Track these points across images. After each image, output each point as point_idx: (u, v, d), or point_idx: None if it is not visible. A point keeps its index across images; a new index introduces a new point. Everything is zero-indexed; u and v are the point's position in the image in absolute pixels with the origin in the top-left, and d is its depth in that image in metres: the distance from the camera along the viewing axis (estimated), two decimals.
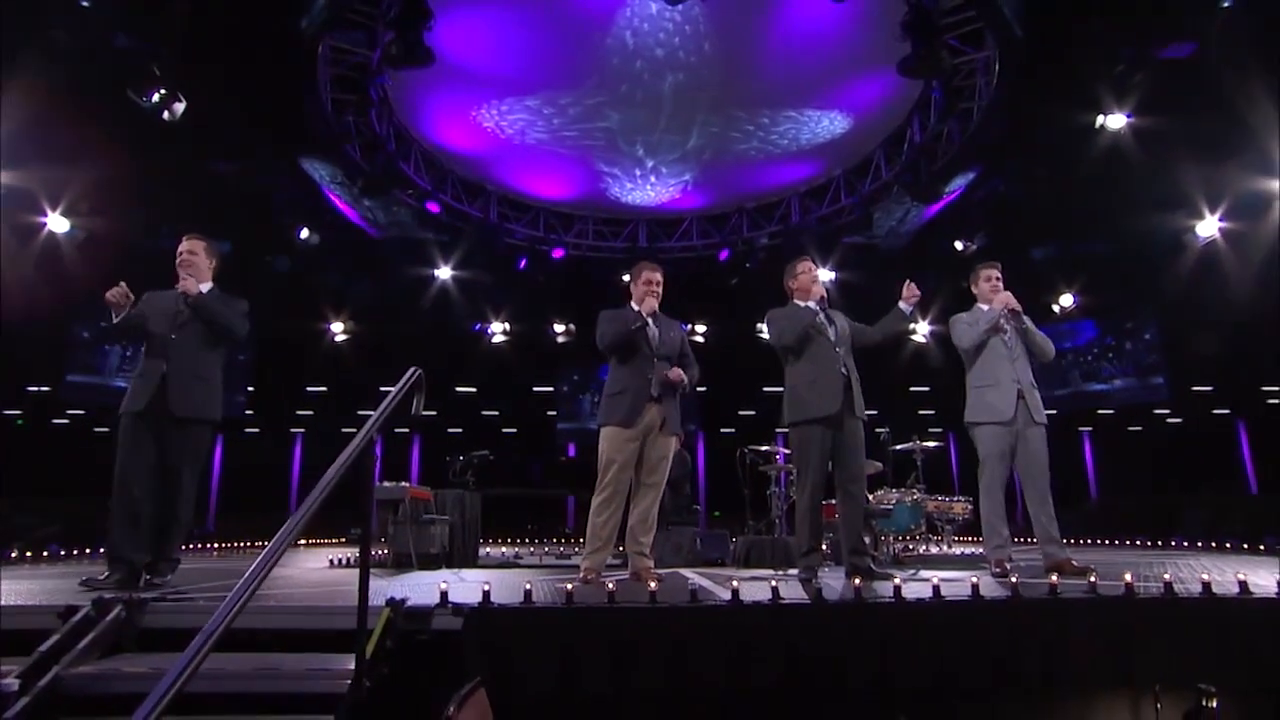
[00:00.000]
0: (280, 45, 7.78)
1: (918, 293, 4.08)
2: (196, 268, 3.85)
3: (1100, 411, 13.60)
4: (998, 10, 6.83)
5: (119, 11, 6.94)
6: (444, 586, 2.73)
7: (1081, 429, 14.65)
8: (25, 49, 6.58)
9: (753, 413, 14.33)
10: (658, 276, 4.10)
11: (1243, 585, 2.92)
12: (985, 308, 4.38)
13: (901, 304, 4.09)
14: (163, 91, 7.24)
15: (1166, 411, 13.33)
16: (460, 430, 14.98)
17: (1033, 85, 7.98)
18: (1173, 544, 7.95)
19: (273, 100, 8.54)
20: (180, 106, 7.39)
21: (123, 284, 3.62)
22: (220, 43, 7.37)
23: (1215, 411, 13.46)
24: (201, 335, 3.77)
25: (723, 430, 14.58)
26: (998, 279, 4.42)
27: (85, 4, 6.86)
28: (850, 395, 3.93)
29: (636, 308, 4.03)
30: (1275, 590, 2.87)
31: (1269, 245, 8.47)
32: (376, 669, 2.30)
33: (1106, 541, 8.59)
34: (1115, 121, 7.84)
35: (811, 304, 4.07)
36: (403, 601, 2.61)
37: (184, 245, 3.88)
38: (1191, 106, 7.50)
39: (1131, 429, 14.07)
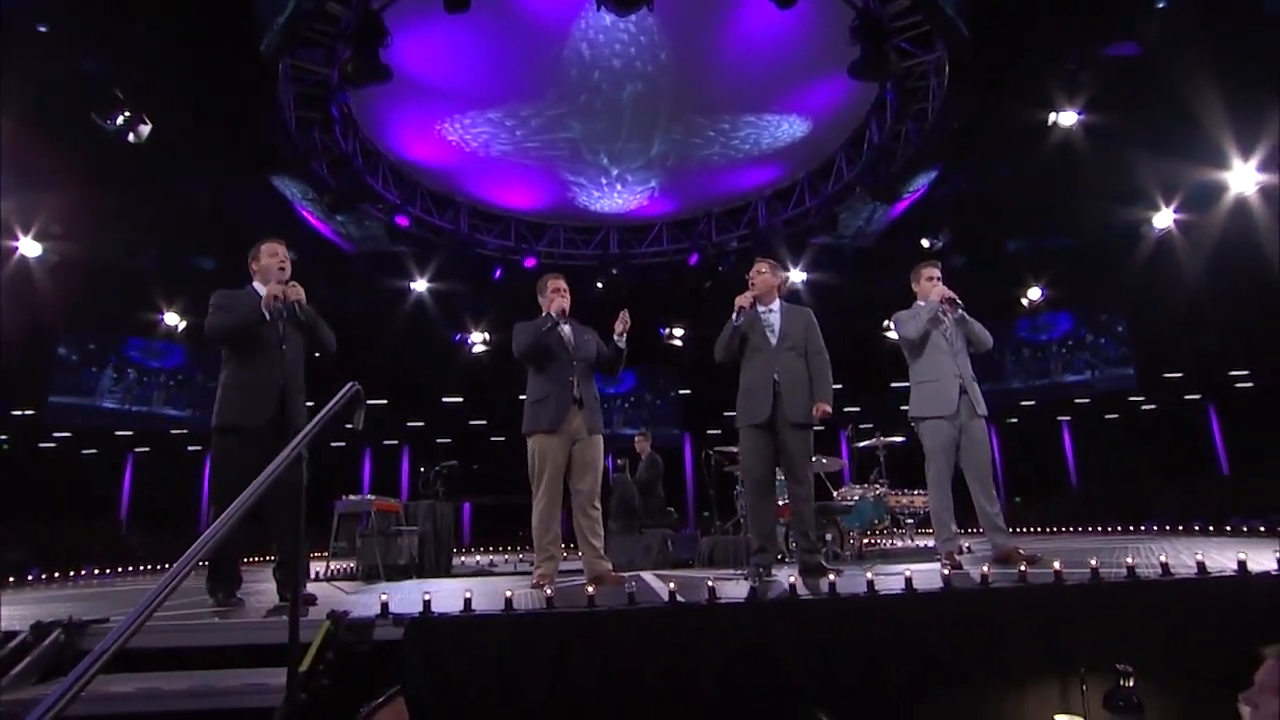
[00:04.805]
0: (242, 64, 7.78)
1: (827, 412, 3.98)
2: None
3: (1078, 401, 13.76)
4: (941, 11, 6.94)
5: (79, 37, 6.96)
6: (384, 598, 2.78)
7: (1061, 419, 14.81)
8: None
9: (735, 414, 14.37)
10: (561, 283, 4.21)
11: (1164, 568, 3.02)
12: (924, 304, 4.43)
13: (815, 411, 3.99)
14: (127, 114, 7.27)
15: (1141, 399, 13.51)
16: (449, 440, 14.96)
17: (984, 85, 8.10)
18: (1149, 528, 8.02)
19: (238, 119, 8.55)
20: (145, 128, 7.42)
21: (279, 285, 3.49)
22: (183, 64, 7.41)
23: (1187, 397, 13.66)
24: (303, 346, 3.68)
25: (709, 432, 14.62)
26: (938, 276, 4.46)
27: (42, 29, 6.89)
28: (779, 403, 3.93)
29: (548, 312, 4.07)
30: (1195, 571, 2.97)
31: (1220, 234, 8.65)
32: (316, 681, 2.34)
33: (1086, 529, 8.63)
34: (1067, 119, 7.99)
35: (743, 303, 4.06)
36: (345, 614, 2.67)
37: (284, 252, 3.66)
38: (1141, 102, 7.65)
39: (1108, 417, 14.24)
